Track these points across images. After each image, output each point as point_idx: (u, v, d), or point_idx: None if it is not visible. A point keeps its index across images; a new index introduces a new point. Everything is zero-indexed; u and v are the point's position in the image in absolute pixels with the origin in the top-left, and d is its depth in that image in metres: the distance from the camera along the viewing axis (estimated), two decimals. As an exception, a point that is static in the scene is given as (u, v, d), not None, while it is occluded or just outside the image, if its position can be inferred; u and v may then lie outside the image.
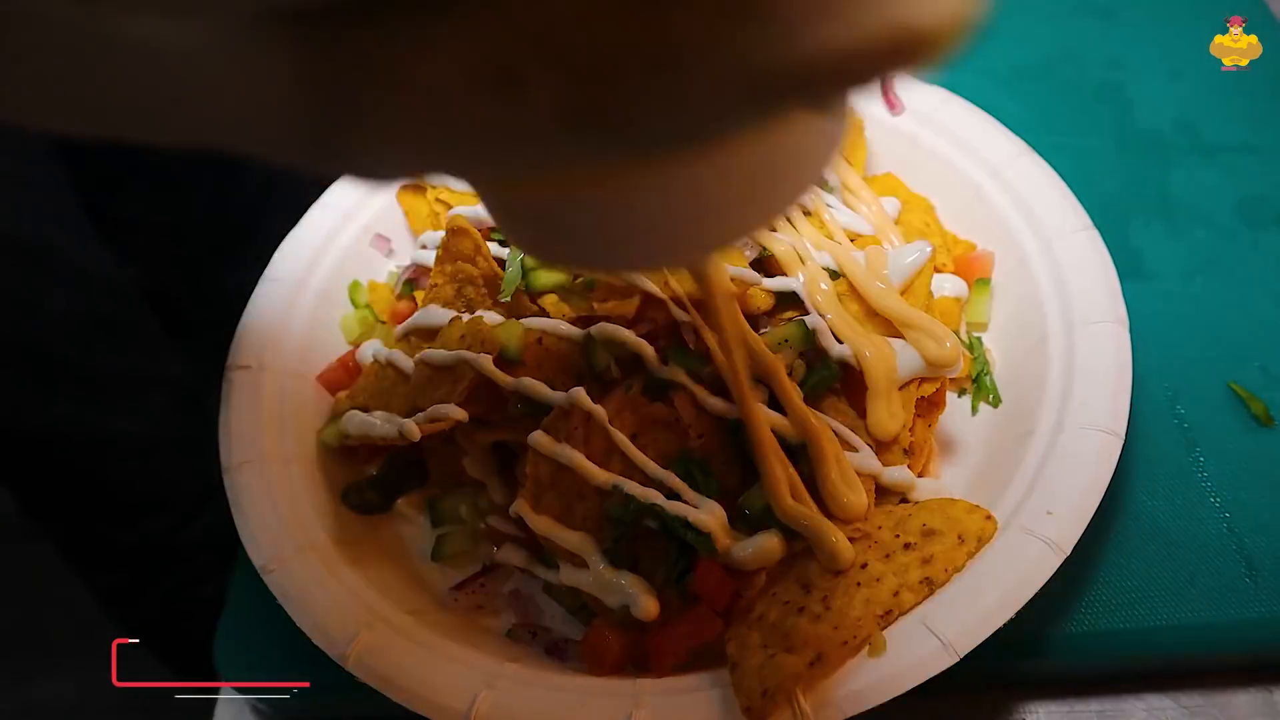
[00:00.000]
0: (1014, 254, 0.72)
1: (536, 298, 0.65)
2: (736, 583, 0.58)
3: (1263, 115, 0.88)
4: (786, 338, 0.62)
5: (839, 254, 0.67)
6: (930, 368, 0.62)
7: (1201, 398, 0.70)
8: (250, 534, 0.63)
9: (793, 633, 0.54)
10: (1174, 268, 0.79)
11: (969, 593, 0.55)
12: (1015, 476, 0.60)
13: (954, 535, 0.57)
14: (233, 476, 0.66)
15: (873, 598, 0.55)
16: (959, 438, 0.69)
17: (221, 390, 0.71)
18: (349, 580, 0.61)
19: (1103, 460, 0.59)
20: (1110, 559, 0.63)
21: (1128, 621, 0.61)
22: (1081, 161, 0.85)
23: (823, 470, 0.59)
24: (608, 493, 0.60)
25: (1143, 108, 0.91)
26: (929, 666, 0.52)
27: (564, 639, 0.62)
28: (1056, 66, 0.96)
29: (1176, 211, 0.83)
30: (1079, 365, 0.64)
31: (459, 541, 0.68)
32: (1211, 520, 0.64)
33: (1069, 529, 0.56)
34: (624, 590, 0.58)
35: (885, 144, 0.82)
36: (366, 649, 0.57)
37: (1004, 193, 0.75)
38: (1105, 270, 0.68)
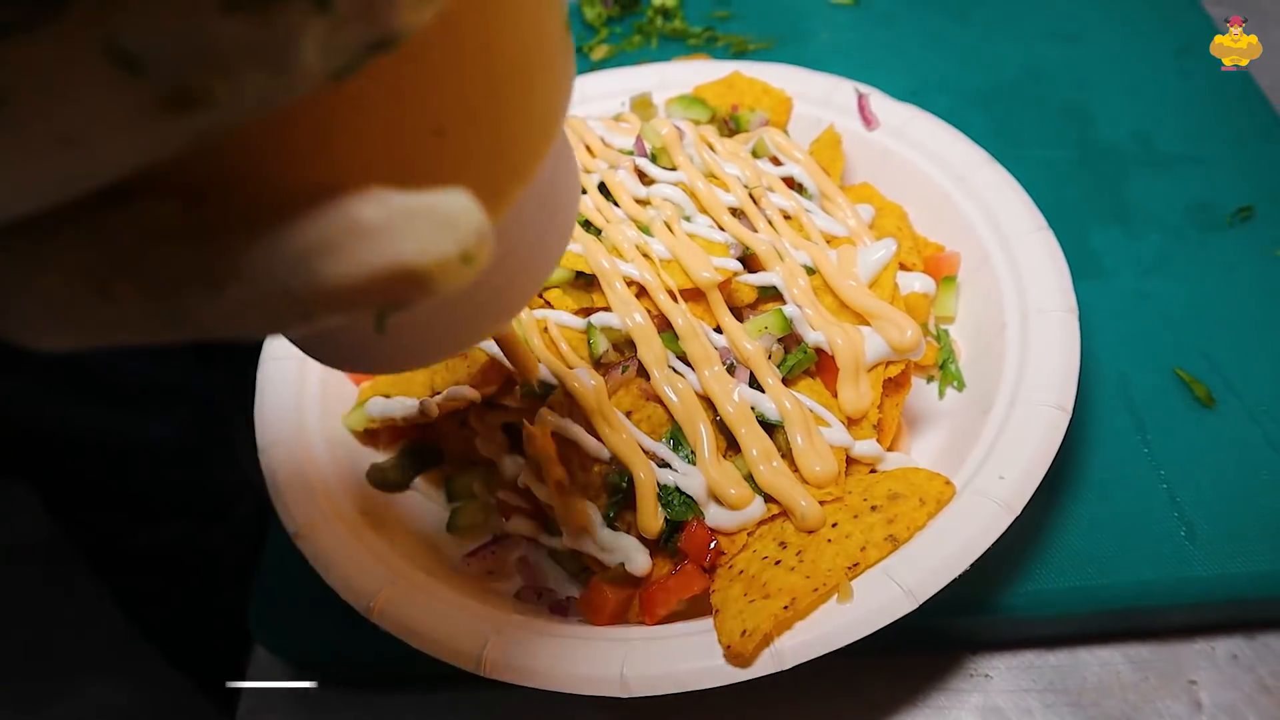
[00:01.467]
0: (977, 253, 0.79)
1: (542, 291, 0.72)
2: (720, 542, 0.64)
3: (1211, 129, 0.95)
4: (767, 325, 0.69)
5: (814, 252, 0.74)
6: (895, 352, 0.69)
7: (1150, 382, 0.77)
8: (283, 504, 0.70)
9: (769, 582, 0.60)
10: (1129, 267, 0.85)
11: (929, 548, 0.61)
12: (974, 448, 0.67)
13: (916, 498, 0.64)
14: (267, 455, 0.73)
15: (842, 552, 0.61)
16: (927, 418, 0.75)
17: (257, 379, 0.78)
18: (372, 544, 0.68)
19: (1051, 431, 0.65)
20: (1062, 524, 0.69)
21: (1078, 579, 0.67)
22: (1046, 172, 0.92)
23: (797, 443, 0.66)
24: (606, 463, 0.66)
25: (1103, 122, 0.98)
26: (891, 611, 0.58)
27: (567, 598, 0.68)
28: (1025, 86, 1.04)
29: (1132, 216, 0.89)
30: (1033, 349, 0.70)
31: (472, 514, 0.74)
32: (1156, 490, 0.71)
33: (1020, 490, 0.62)
34: (621, 549, 0.65)
35: (861, 156, 0.89)
36: (389, 602, 0.63)
37: (969, 198, 0.82)
38: (1057, 265, 0.74)
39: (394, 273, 0.23)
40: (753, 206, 0.76)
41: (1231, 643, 0.68)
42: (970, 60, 1.07)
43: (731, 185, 0.76)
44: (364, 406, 0.77)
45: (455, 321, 0.36)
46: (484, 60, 0.27)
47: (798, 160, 0.82)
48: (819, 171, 0.82)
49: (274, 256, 0.24)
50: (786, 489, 0.64)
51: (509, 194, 0.31)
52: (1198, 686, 0.67)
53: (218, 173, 0.24)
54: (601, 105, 0.97)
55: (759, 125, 0.91)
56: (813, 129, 0.92)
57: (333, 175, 0.25)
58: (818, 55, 1.12)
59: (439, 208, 0.24)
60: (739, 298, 0.72)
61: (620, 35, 1.20)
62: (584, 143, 0.82)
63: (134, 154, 0.22)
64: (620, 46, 1.17)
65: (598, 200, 0.75)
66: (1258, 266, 0.84)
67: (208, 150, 0.22)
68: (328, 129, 0.25)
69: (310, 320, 0.24)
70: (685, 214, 0.75)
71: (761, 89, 0.94)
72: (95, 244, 0.24)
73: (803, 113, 0.93)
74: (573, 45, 0.33)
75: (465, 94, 0.27)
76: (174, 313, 0.24)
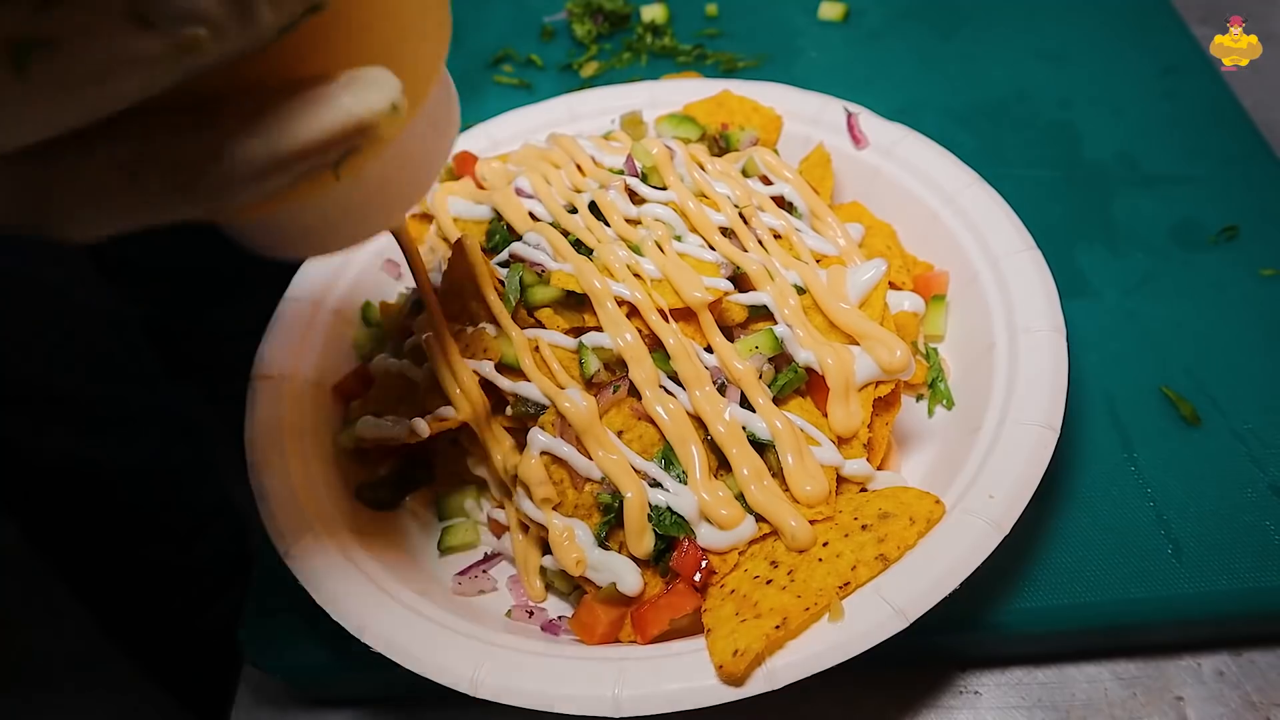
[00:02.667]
0: (966, 272, 0.80)
1: (533, 311, 0.73)
2: (712, 561, 0.65)
3: (1195, 148, 0.97)
4: (758, 344, 0.70)
5: (804, 272, 0.74)
6: (885, 372, 0.70)
7: (1136, 401, 0.78)
8: (274, 523, 0.69)
9: (761, 602, 0.61)
10: (1114, 286, 0.86)
11: (919, 566, 0.61)
12: (963, 467, 0.67)
13: (906, 517, 0.64)
14: (257, 473, 0.73)
15: (833, 571, 0.62)
16: (916, 436, 0.76)
17: (246, 397, 0.78)
18: (364, 564, 0.68)
19: (1039, 450, 0.65)
20: (1051, 542, 0.70)
21: (1066, 597, 0.67)
22: (1032, 191, 0.93)
23: (788, 462, 0.66)
24: (597, 482, 0.67)
25: (1089, 142, 0.99)
26: (883, 630, 0.59)
27: (559, 617, 0.68)
28: (1011, 106, 1.05)
29: (1117, 236, 0.90)
30: (1021, 368, 0.71)
31: (463, 533, 0.74)
32: (1143, 508, 0.71)
33: (1008, 510, 0.63)
34: (613, 569, 0.65)
35: (851, 175, 0.89)
36: (380, 623, 0.63)
37: (957, 218, 0.83)
38: (1045, 285, 0.75)
39: (348, 123, 0.35)
40: (743, 226, 0.76)
41: (1218, 659, 0.69)
42: (957, 80, 1.08)
43: (722, 204, 0.77)
44: (355, 425, 0.77)
45: (368, 206, 0.48)
46: (385, 18, 0.39)
47: (787, 179, 0.83)
48: (809, 190, 0.83)
49: (262, 130, 0.34)
50: (777, 509, 0.65)
51: (413, 104, 0.43)
52: (1184, 703, 0.67)
53: (215, 84, 0.34)
54: (592, 123, 0.97)
55: (749, 144, 0.91)
56: (802, 147, 0.92)
57: (295, 76, 0.36)
58: (806, 73, 1.12)
59: (369, 73, 0.36)
60: (729, 317, 0.73)
61: (610, 52, 1.20)
62: (575, 161, 0.82)
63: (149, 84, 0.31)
64: (610, 63, 1.18)
65: (589, 220, 0.76)
66: (1242, 286, 0.85)
67: (205, 73, 0.32)
68: (289, 55, 0.35)
69: (290, 174, 0.35)
70: (676, 233, 0.75)
71: (751, 107, 0.95)
72: (126, 143, 0.33)
73: (792, 131, 0.93)
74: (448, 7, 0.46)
75: (372, 42, 0.39)
76: (188, 187, 0.34)
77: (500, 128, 0.98)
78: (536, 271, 0.73)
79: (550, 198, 0.78)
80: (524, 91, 1.16)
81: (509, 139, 0.96)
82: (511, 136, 0.96)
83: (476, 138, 0.97)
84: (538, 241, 0.74)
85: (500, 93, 1.16)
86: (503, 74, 1.18)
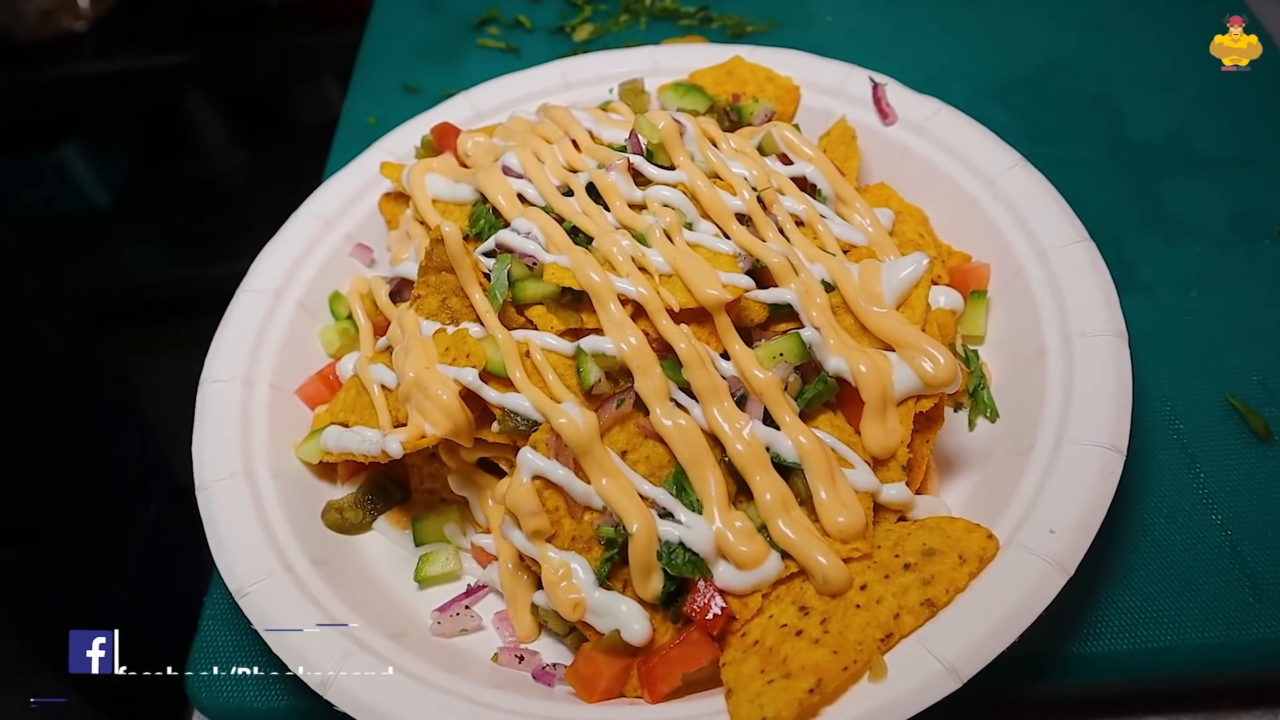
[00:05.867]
0: (1010, 266, 0.71)
1: (524, 309, 0.63)
2: (732, 605, 0.56)
3: (1254, 127, 0.88)
4: (781, 351, 0.61)
5: (833, 267, 0.65)
6: (926, 387, 0.61)
7: (1200, 413, 0.69)
8: (224, 557, 0.60)
9: (791, 658, 0.52)
10: (1170, 281, 0.78)
11: (971, 614, 0.53)
12: (1015, 494, 0.59)
13: (955, 555, 0.56)
14: (207, 495, 0.63)
15: (873, 620, 0.53)
16: (956, 453, 0.67)
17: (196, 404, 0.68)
18: (327, 602, 0.59)
19: (1105, 477, 0.57)
20: (1111, 578, 0.62)
21: (1131, 642, 0.59)
22: (1072, 173, 0.83)
23: (818, 490, 0.57)
24: (597, 512, 0.58)
25: (1134, 119, 0.91)
26: (931, 692, 0.50)
27: (551, 664, 0.60)
28: (1046, 78, 0.96)
29: (1170, 224, 0.82)
30: (1078, 379, 0.62)
31: (443, 561, 0.65)
32: (1214, 539, 0.63)
33: (1072, 548, 0.54)
34: (616, 613, 0.56)
35: (878, 154, 0.80)
36: (347, 678, 0.55)
37: (999, 204, 0.74)
38: (1102, 282, 0.67)
39: None
40: (761, 212, 0.67)
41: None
42: (988, 48, 0.99)
43: (738, 187, 0.68)
44: (319, 436, 0.67)
45: None
46: None
47: (810, 158, 0.73)
48: (834, 171, 0.73)
49: None
50: (806, 544, 0.56)
51: None
52: (1258, 761, 0.60)
53: None
54: (587, 92, 0.87)
55: (764, 118, 0.82)
56: (822, 122, 0.83)
57: None
58: (821, 40, 1.03)
59: None
60: (748, 317, 0.63)
61: (606, 14, 1.10)
62: (569, 136, 0.73)
63: None
64: (606, 26, 1.08)
65: (587, 204, 0.66)
66: (1314, 281, 0.76)
67: None
68: None
69: None
70: (687, 220, 0.66)
71: (766, 76, 0.85)
72: None
73: (811, 104, 0.84)
74: None
75: None
76: None
77: (485, 96, 0.88)
78: (527, 264, 0.64)
79: (542, 178, 0.69)
80: (511, 56, 1.07)
81: (495, 109, 0.87)
82: (498, 106, 0.87)
83: (459, 107, 0.87)
84: (528, 229, 0.65)
85: (485, 57, 1.06)
86: (488, 37, 1.08)
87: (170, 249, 2.12)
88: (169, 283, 2.02)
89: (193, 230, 2.08)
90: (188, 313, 1.19)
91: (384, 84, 1.07)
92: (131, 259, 2.09)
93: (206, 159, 2.18)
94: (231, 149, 2.17)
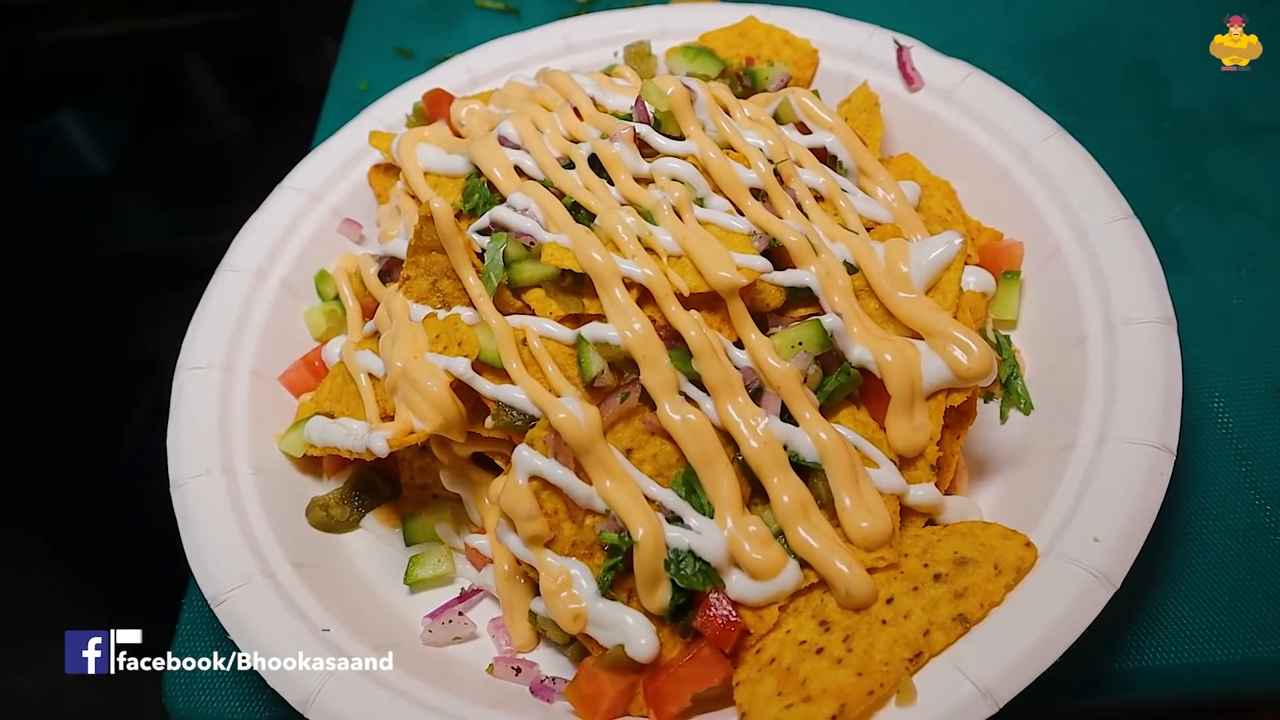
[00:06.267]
0: (1045, 245, 0.66)
1: (520, 293, 0.58)
2: (746, 619, 0.52)
3: (1309, 94, 0.82)
4: (800, 339, 0.56)
5: (856, 246, 0.60)
6: (958, 380, 0.56)
7: (1251, 403, 0.65)
8: (200, 561, 0.56)
9: (811, 679, 0.48)
10: (1216, 260, 0.73)
11: (1008, 630, 0.49)
12: (1054, 497, 0.54)
13: (989, 565, 0.51)
14: (182, 493, 0.59)
15: (900, 638, 0.49)
16: (987, 449, 0.62)
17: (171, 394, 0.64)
18: (310, 610, 0.55)
19: (1154, 480, 0.52)
20: (1159, 587, 0.57)
21: (1180, 657, 0.55)
22: (1111, 143, 0.78)
23: (840, 492, 0.53)
24: (600, 515, 0.53)
25: (1177, 85, 0.85)
26: (965, 717, 0.46)
27: (551, 677, 0.55)
28: (1083, 40, 0.90)
29: (1217, 198, 0.77)
30: (1122, 370, 0.57)
31: (434, 563, 0.61)
32: (1269, 542, 0.59)
33: (1119, 558, 0.50)
34: (620, 626, 0.52)
35: (903, 122, 0.75)
36: (331, 695, 0.51)
37: (1033, 177, 0.68)
38: (1148, 263, 0.61)
39: None
40: (778, 187, 0.62)
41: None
42: (1020, 7, 0.93)
43: (753, 159, 0.62)
44: (303, 428, 0.63)
45: None
46: None
47: (830, 127, 0.68)
48: (856, 142, 0.68)
49: None
50: (827, 553, 0.51)
51: None
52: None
53: None
54: (590, 56, 0.82)
55: (779, 83, 0.76)
56: (842, 88, 0.78)
57: None
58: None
59: None
60: (763, 301, 0.58)
61: (611, -28, 1.04)
62: (571, 103, 0.67)
63: None
64: (611, -15, 1.02)
65: (589, 178, 0.61)
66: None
67: None
68: None
69: None
70: (698, 196, 0.61)
71: (782, 38, 0.80)
72: None
73: (830, 68, 0.78)
74: None
75: None
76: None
77: (481, 61, 0.83)
78: (524, 243, 0.59)
79: (541, 148, 0.64)
80: (510, 18, 1.02)
81: (492, 74, 0.82)
82: (495, 71, 0.82)
83: (453, 72, 0.82)
84: (526, 204, 0.60)
85: (482, 19, 1.01)
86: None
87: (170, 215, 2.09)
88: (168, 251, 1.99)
89: (193, 196, 2.05)
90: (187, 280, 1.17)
91: (376, 47, 1.02)
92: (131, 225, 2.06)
93: (206, 124, 2.14)
94: (231, 114, 2.13)
